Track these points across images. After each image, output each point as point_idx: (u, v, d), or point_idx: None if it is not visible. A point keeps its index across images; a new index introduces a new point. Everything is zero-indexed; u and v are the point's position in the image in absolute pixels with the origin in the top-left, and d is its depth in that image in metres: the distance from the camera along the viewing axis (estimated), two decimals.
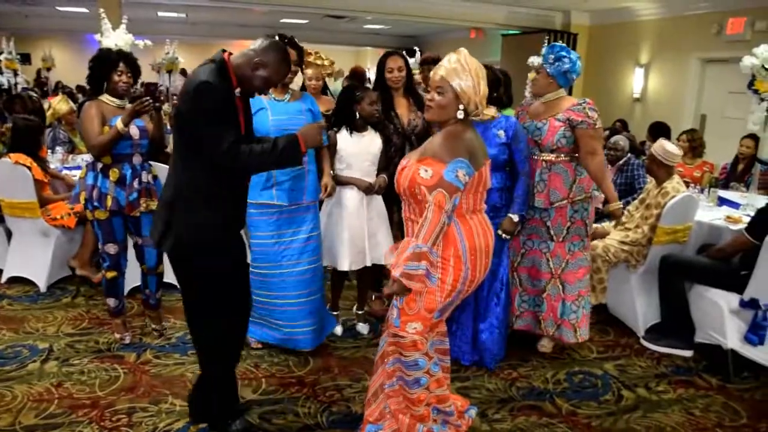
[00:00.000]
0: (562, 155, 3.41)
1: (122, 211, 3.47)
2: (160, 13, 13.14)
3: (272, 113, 3.25)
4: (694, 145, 5.76)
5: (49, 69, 14.01)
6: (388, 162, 3.71)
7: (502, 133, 3.28)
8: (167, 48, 10.95)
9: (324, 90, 4.38)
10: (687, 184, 4.71)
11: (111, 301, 3.66)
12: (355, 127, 3.55)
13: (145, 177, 3.55)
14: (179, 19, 13.91)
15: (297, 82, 3.74)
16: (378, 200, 3.70)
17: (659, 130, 6.36)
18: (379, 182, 3.60)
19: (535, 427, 2.94)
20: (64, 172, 4.99)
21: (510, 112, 3.70)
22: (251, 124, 2.59)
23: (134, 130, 3.44)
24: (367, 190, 3.58)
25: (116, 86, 3.43)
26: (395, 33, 16.23)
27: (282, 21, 13.68)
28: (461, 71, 2.33)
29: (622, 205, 3.54)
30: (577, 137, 3.35)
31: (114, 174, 3.43)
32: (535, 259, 3.55)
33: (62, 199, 4.55)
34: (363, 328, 3.92)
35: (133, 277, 4.04)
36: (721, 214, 4.30)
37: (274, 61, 2.42)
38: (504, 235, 3.33)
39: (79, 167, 5.28)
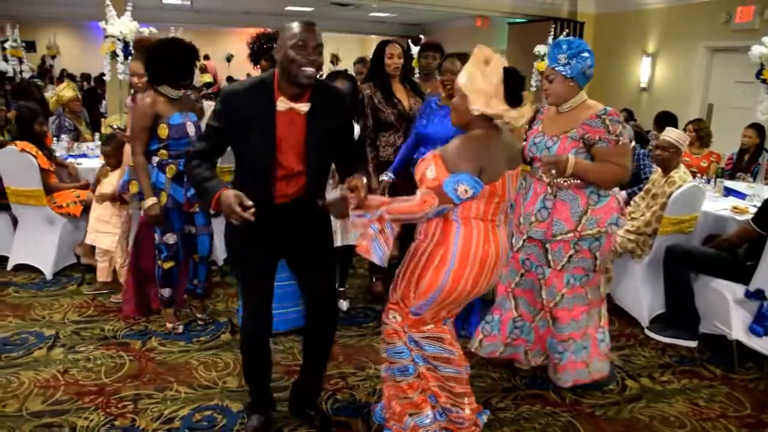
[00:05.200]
0: (573, 179, 2.83)
1: (180, 208, 3.47)
2: (164, 1, 13.09)
3: None
4: (701, 134, 5.73)
5: (53, 56, 13.99)
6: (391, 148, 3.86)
7: None
8: (172, 35, 10.91)
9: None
10: (693, 174, 4.69)
11: (166, 291, 3.68)
12: None
13: None
14: (184, 6, 13.85)
15: None
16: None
17: (666, 119, 6.32)
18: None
19: (539, 416, 2.95)
20: (69, 159, 4.99)
21: None
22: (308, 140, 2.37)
23: (191, 128, 3.43)
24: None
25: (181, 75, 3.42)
26: (400, 21, 16.16)
27: (287, 8, 13.60)
28: (464, 67, 2.29)
29: (570, 158, 2.76)
30: (596, 156, 2.79)
31: (171, 170, 3.42)
32: (532, 283, 3.04)
33: (68, 188, 4.56)
34: (343, 304, 4.01)
35: None
36: (727, 205, 4.29)
37: (281, 39, 2.25)
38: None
39: (84, 155, 5.30)
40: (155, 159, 3.42)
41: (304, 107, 2.31)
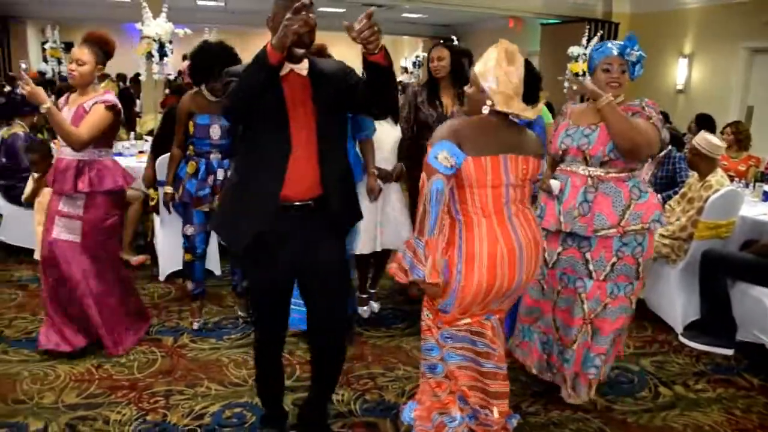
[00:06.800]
0: (613, 171, 2.73)
1: (192, 202, 3.52)
2: (199, 2, 13.26)
3: None
4: (740, 137, 5.60)
5: None
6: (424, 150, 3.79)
7: None
8: (206, 37, 11.05)
9: None
10: (731, 179, 4.59)
11: (188, 284, 3.74)
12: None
13: (222, 174, 3.53)
14: (218, 7, 14.01)
15: None
16: (395, 187, 3.79)
17: (706, 121, 6.19)
18: (397, 170, 3.73)
19: (570, 421, 2.91)
20: None
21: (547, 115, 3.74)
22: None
23: (215, 131, 3.45)
24: (385, 177, 3.66)
25: (216, 84, 3.37)
26: (432, 22, 16.11)
27: (320, 9, 13.58)
28: (481, 59, 2.29)
29: (609, 96, 2.69)
30: None
31: (191, 166, 3.52)
32: (569, 300, 2.89)
33: None
34: (374, 307, 4.02)
35: (171, 262, 4.11)
36: (767, 210, 4.18)
37: (276, 5, 2.19)
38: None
39: (120, 154, 5.39)
40: (188, 153, 3.56)
41: (303, 68, 2.25)
